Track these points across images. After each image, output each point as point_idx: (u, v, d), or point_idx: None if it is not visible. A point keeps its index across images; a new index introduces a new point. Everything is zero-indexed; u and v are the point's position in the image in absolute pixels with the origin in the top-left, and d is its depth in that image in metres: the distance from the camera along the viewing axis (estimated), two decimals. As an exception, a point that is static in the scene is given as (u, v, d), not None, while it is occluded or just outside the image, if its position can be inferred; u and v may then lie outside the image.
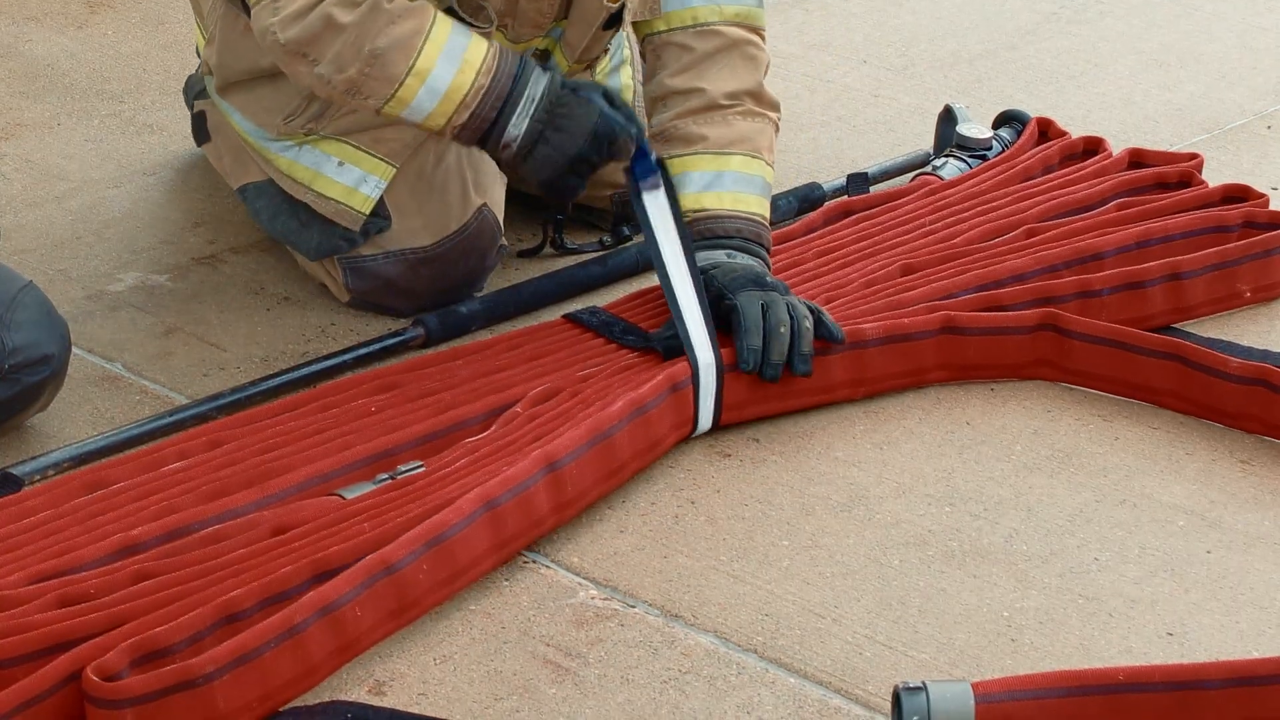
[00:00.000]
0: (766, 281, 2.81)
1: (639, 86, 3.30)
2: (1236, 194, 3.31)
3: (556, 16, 2.95)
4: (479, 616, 2.38)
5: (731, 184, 2.91)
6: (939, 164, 3.46)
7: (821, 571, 2.50)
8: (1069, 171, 3.42)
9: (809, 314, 2.78)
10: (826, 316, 2.80)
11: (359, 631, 2.26)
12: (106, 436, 2.64)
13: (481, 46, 2.73)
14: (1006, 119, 3.59)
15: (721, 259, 2.86)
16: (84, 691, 2.08)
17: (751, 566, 2.50)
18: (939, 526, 2.59)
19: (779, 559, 2.52)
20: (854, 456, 2.74)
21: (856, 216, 3.26)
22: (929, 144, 3.63)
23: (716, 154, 2.92)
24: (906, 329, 2.86)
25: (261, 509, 2.43)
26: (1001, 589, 2.47)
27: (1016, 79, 4.11)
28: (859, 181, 3.44)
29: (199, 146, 3.27)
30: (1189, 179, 3.37)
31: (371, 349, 2.89)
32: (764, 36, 3.02)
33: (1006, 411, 2.86)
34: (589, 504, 2.57)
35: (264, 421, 2.64)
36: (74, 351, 2.72)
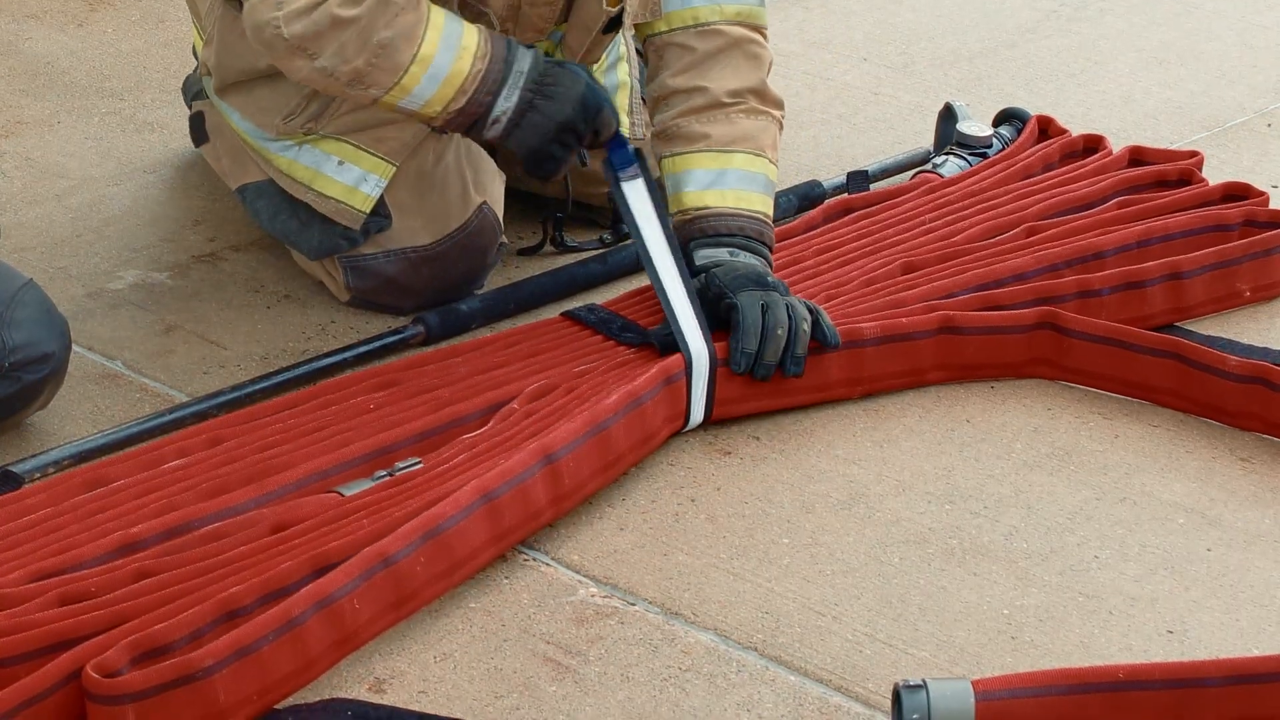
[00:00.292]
0: (767, 281, 2.81)
1: (635, 84, 3.30)
2: (1237, 192, 3.31)
3: (557, 21, 2.95)
4: (479, 614, 2.38)
5: (734, 182, 2.91)
6: (939, 162, 3.46)
7: (822, 569, 2.50)
8: (1069, 169, 3.42)
9: (808, 315, 2.78)
10: (825, 318, 2.80)
11: (357, 624, 2.26)
12: (106, 434, 2.64)
13: (474, 33, 2.76)
14: (1006, 117, 3.59)
15: (724, 257, 2.86)
16: (84, 689, 2.08)
17: (752, 564, 2.50)
18: (939, 524, 2.59)
19: (779, 557, 2.52)
20: (854, 454, 2.74)
21: (857, 214, 3.26)
22: (929, 142, 3.63)
23: (719, 152, 2.92)
24: (904, 328, 2.86)
25: (261, 506, 2.43)
26: (1002, 587, 2.47)
27: (1017, 77, 4.11)
28: (859, 179, 3.44)
29: (197, 147, 3.27)
30: (1189, 177, 3.37)
31: (371, 347, 2.89)
32: (766, 35, 3.02)
33: (1007, 409, 2.86)
34: (586, 496, 2.57)
35: (264, 419, 2.64)
36: (74, 349, 2.72)
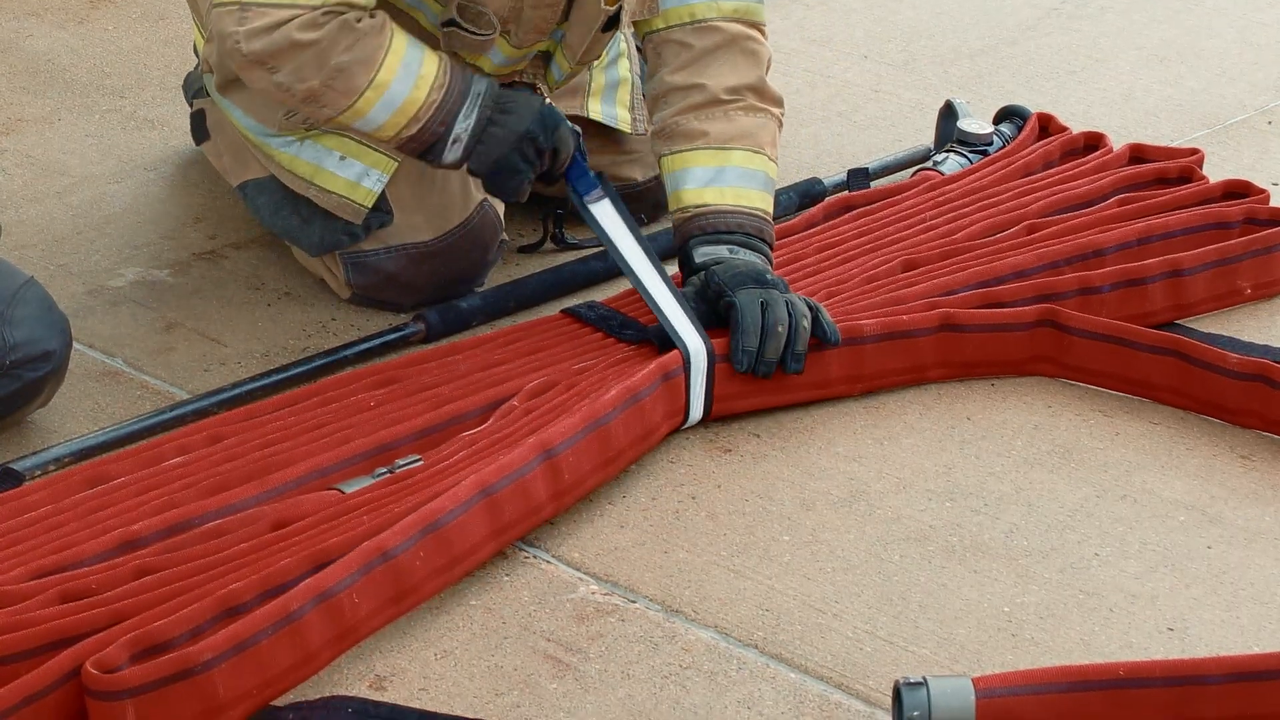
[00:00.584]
0: (766, 279, 2.81)
1: (636, 80, 3.30)
2: (1237, 189, 3.31)
3: (558, 20, 2.96)
4: (480, 611, 2.38)
5: (733, 179, 2.91)
6: (940, 159, 3.46)
7: (822, 567, 2.50)
8: (1070, 167, 3.42)
9: (808, 312, 2.78)
10: (824, 316, 2.80)
11: (357, 619, 2.26)
12: (107, 432, 2.64)
13: (434, 62, 2.79)
14: (1007, 114, 3.59)
15: (723, 254, 2.86)
16: (83, 685, 2.08)
17: (752, 562, 2.50)
18: (939, 522, 2.59)
19: (779, 554, 2.52)
20: (855, 452, 2.74)
21: (857, 212, 3.26)
22: (930, 139, 3.63)
23: (718, 149, 2.92)
24: (905, 326, 2.86)
25: (261, 504, 2.43)
26: (1002, 584, 2.47)
27: (1017, 74, 4.10)
28: (860, 177, 3.44)
29: (198, 145, 3.27)
30: (1190, 174, 3.37)
31: (372, 344, 2.89)
32: (765, 32, 3.01)
33: (1007, 407, 2.86)
34: (586, 492, 2.57)
35: (264, 416, 2.64)
36: (75, 347, 2.72)
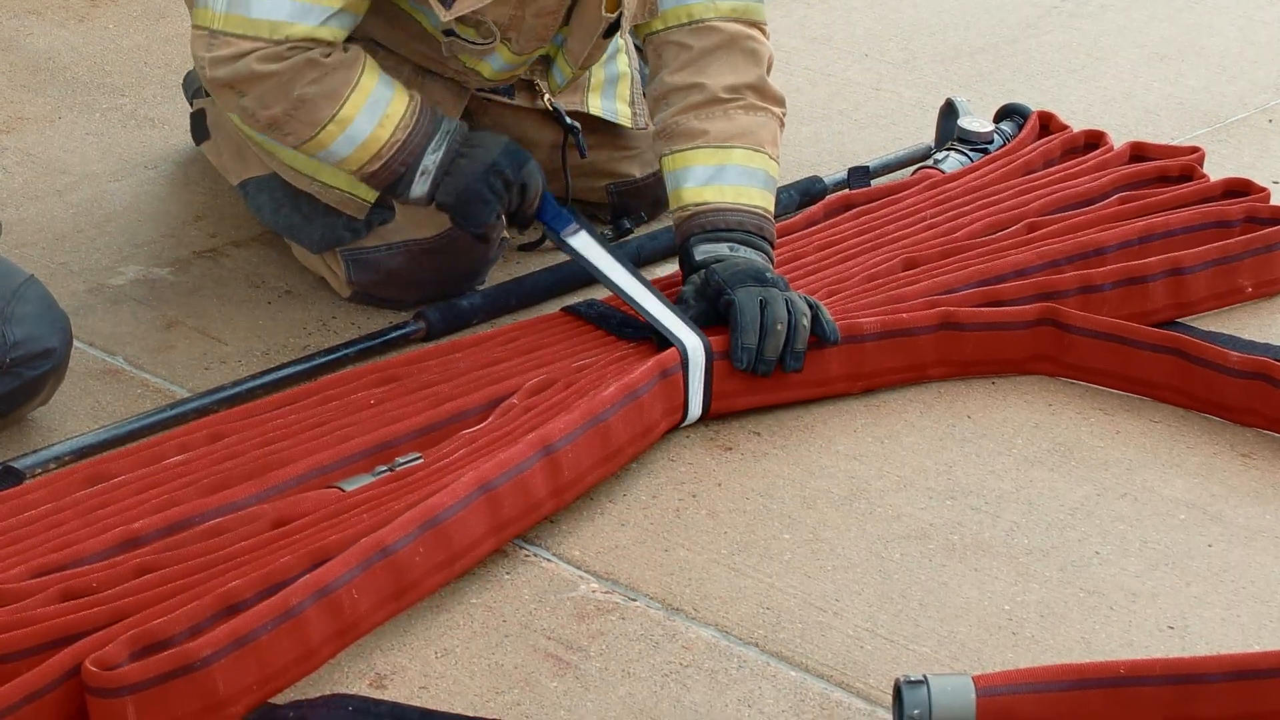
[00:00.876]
0: (766, 277, 2.81)
1: (636, 75, 3.30)
2: (1238, 188, 3.31)
3: (558, 27, 2.96)
4: (480, 610, 2.38)
5: (733, 177, 2.91)
6: (940, 157, 3.46)
7: (823, 565, 2.50)
8: (1070, 165, 3.42)
9: (807, 310, 2.78)
10: (824, 314, 2.80)
11: (357, 615, 2.26)
12: (108, 430, 2.64)
13: (403, 102, 2.81)
14: (1008, 113, 3.59)
15: (723, 253, 2.86)
16: (84, 683, 2.08)
17: (753, 560, 2.50)
18: (940, 520, 2.59)
19: (780, 552, 2.52)
20: (855, 450, 2.74)
21: (857, 210, 3.26)
22: (930, 137, 3.63)
23: (718, 148, 2.92)
24: (905, 324, 2.86)
25: (262, 502, 2.43)
26: (1003, 582, 2.47)
27: (1018, 73, 4.10)
28: (860, 175, 3.44)
29: (198, 145, 3.27)
30: (1190, 173, 3.37)
31: (373, 342, 2.89)
32: (765, 31, 3.01)
33: (1008, 405, 2.86)
34: (586, 488, 2.58)
35: (264, 414, 2.64)
36: (75, 345, 2.73)
